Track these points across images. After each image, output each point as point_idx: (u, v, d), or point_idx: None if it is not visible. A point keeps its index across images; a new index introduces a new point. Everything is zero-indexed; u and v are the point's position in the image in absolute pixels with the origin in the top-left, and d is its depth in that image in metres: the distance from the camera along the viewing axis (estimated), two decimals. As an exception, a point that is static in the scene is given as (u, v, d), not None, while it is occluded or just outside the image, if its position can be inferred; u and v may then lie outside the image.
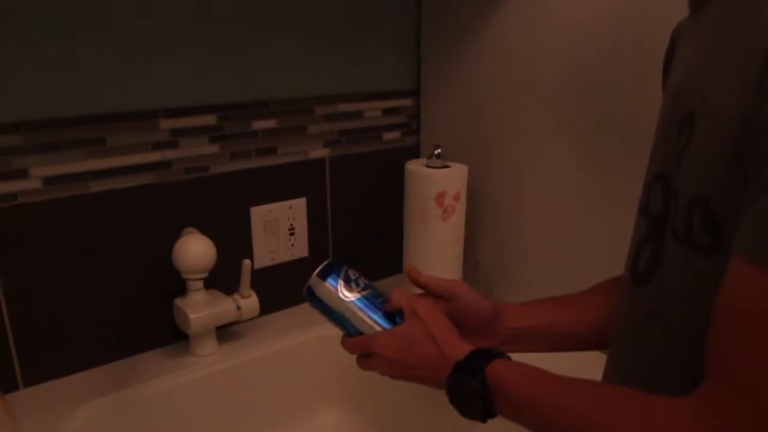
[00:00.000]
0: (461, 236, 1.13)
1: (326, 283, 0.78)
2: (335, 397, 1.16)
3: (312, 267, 0.79)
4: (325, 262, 0.80)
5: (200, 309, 0.99)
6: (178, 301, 1.01)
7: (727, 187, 0.48)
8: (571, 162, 1.04)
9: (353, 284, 0.78)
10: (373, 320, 0.76)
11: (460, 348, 0.69)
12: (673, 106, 0.57)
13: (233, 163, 1.08)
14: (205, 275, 1.00)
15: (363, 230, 1.28)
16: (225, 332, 1.09)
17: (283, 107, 1.12)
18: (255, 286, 1.05)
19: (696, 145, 0.52)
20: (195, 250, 0.97)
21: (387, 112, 1.27)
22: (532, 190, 1.11)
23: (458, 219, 1.11)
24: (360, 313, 0.76)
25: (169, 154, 1.01)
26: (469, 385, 0.65)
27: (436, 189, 1.07)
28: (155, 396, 0.97)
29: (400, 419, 1.08)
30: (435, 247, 1.10)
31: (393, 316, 0.76)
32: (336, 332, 1.16)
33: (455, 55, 1.20)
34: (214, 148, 1.06)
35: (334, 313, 0.78)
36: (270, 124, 1.11)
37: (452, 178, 1.08)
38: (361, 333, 0.77)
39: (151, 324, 1.04)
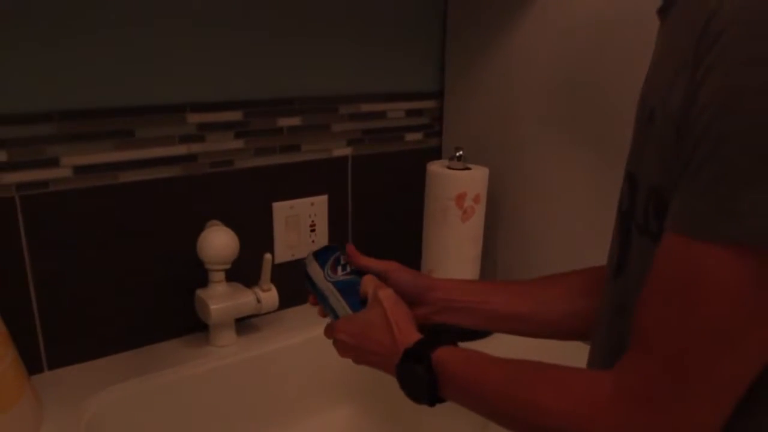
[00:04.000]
0: (480, 238, 1.14)
1: (317, 263, 0.85)
2: (350, 392, 1.17)
3: None
4: (323, 246, 0.88)
5: (221, 300, 1.01)
6: (200, 292, 1.03)
7: (673, 173, 0.49)
8: (591, 167, 1.05)
9: (340, 268, 0.83)
10: (346, 303, 0.80)
11: (411, 336, 0.72)
12: (640, 105, 0.58)
13: (257, 159, 1.10)
14: (227, 266, 1.02)
15: (383, 229, 1.30)
16: (244, 324, 1.11)
17: (307, 105, 1.14)
18: (275, 280, 1.07)
19: (651, 138, 0.54)
20: (220, 241, 0.99)
21: (410, 113, 1.28)
22: (551, 194, 1.12)
23: (478, 221, 1.12)
24: (337, 295, 0.81)
25: (196, 148, 1.04)
26: (416, 371, 0.68)
27: (456, 190, 1.08)
28: (174, 383, 0.99)
29: (414, 416, 1.09)
30: (454, 247, 1.11)
31: (365, 303, 0.79)
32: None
33: (479, 59, 1.21)
34: (239, 143, 1.08)
35: (317, 290, 0.84)
36: (294, 121, 1.13)
37: (473, 180, 1.09)
38: (336, 313, 0.81)
39: (172, 313, 1.07)
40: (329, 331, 0.80)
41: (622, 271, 0.61)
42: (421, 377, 0.68)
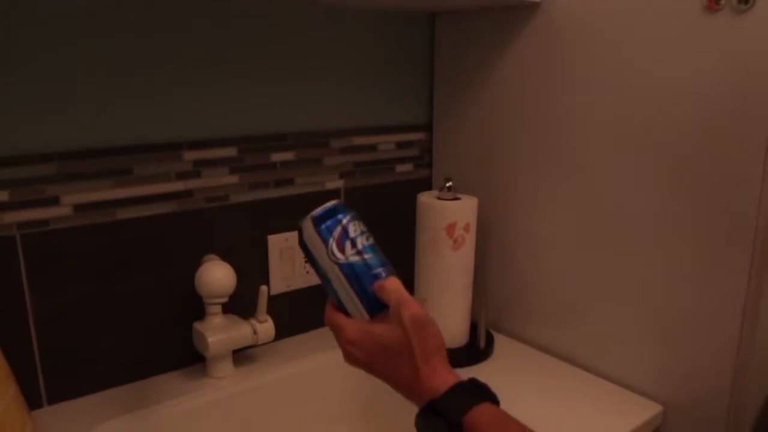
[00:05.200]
0: (471, 266, 1.16)
1: (318, 231, 0.64)
2: (347, 421, 1.18)
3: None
4: (329, 205, 0.66)
5: (218, 333, 1.03)
6: (197, 325, 1.05)
7: None
8: (580, 196, 1.08)
9: (349, 243, 0.64)
10: (356, 293, 0.64)
11: (440, 377, 0.62)
12: None
13: (252, 193, 1.13)
14: (225, 300, 1.04)
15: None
16: (241, 355, 1.13)
17: (300, 140, 1.17)
18: (271, 311, 1.09)
19: None
20: (217, 275, 1.02)
21: (400, 145, 1.32)
22: (540, 223, 1.15)
23: (468, 250, 1.14)
24: (343, 279, 0.64)
25: (192, 184, 1.06)
26: (439, 427, 0.59)
27: (446, 220, 1.11)
28: (173, 416, 1.00)
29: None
30: (445, 276, 1.14)
31: (380, 302, 0.65)
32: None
33: (467, 91, 1.25)
34: (234, 179, 1.11)
35: (318, 268, 0.66)
36: (288, 156, 1.16)
37: (463, 209, 1.12)
38: (340, 301, 0.65)
39: (170, 346, 1.08)
40: (335, 332, 0.67)
41: None
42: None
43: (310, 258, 0.66)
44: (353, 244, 0.63)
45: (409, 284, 1.20)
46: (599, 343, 1.08)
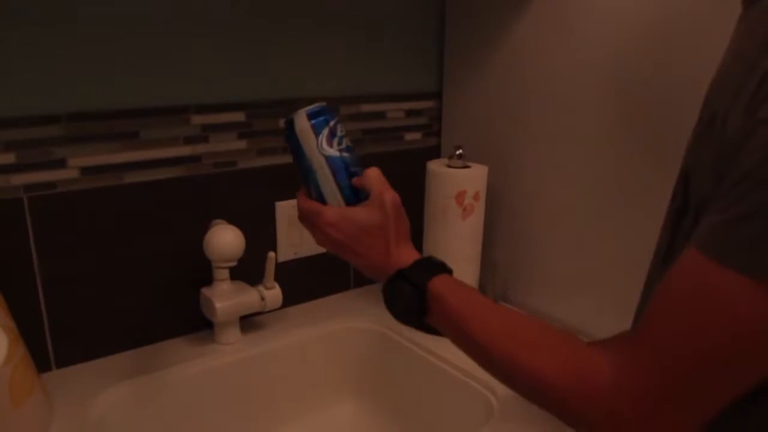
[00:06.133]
0: (480, 235, 1.16)
1: (311, 125, 0.70)
2: (354, 388, 1.19)
3: (333, 262, 0.76)
4: (320, 104, 0.72)
5: (226, 298, 1.03)
6: (205, 290, 1.04)
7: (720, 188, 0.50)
8: (590, 165, 1.07)
9: (336, 140, 0.71)
10: (338, 185, 0.71)
11: (407, 254, 0.70)
12: (704, 103, 0.58)
13: (260, 159, 1.12)
14: (233, 264, 1.03)
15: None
16: (248, 322, 1.13)
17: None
18: (278, 278, 1.09)
19: (707, 143, 0.54)
20: (226, 239, 1.01)
21: (409, 113, 1.30)
22: (550, 191, 1.14)
23: (477, 218, 1.13)
24: (327, 172, 0.71)
25: (200, 149, 1.05)
26: (406, 293, 0.67)
27: (456, 188, 1.10)
28: (180, 381, 1.00)
29: (418, 411, 1.11)
30: (454, 245, 1.13)
31: (358, 192, 0.72)
32: (356, 325, 1.20)
33: (478, 59, 1.23)
34: (242, 144, 1.10)
35: (304, 160, 0.72)
36: (296, 122, 1.15)
37: (472, 177, 1.11)
38: (321, 192, 0.72)
39: (177, 312, 1.08)
40: (312, 216, 0.73)
41: (672, 256, 0.60)
42: (409, 299, 0.67)
43: (297, 150, 0.72)
44: (339, 142, 0.71)
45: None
46: (608, 315, 1.08)
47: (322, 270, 1.24)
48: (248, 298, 1.05)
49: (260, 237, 1.14)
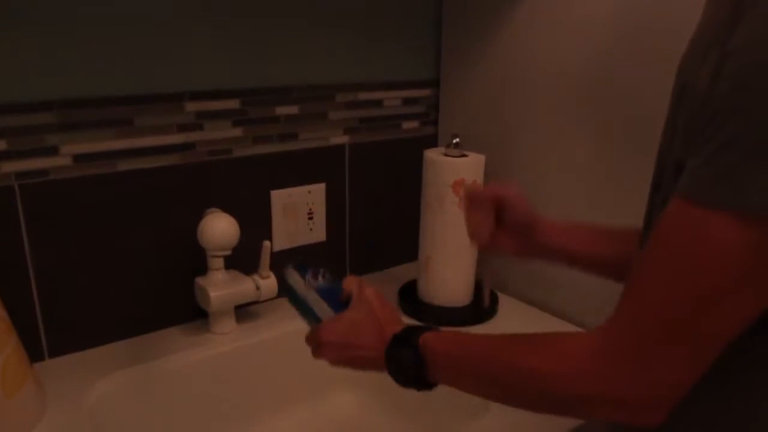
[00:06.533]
0: (477, 225, 1.15)
1: (297, 273, 0.85)
2: (350, 379, 1.17)
3: (329, 251, 0.84)
4: (301, 259, 0.89)
5: (221, 288, 1.02)
6: (199, 280, 1.03)
7: (695, 145, 0.51)
8: (588, 153, 1.06)
9: (321, 276, 0.85)
10: (329, 306, 0.80)
11: (398, 326, 0.74)
12: (675, 80, 0.59)
13: (255, 147, 1.11)
14: (228, 253, 1.02)
15: (380, 216, 1.30)
16: (243, 312, 1.12)
17: (305, 94, 1.14)
18: (273, 267, 1.08)
19: (681, 114, 0.55)
20: (221, 227, 1.00)
21: (406, 101, 1.29)
22: (547, 180, 1.13)
23: (474, 207, 1.12)
24: (319, 301, 0.81)
25: (194, 137, 1.04)
26: (403, 354, 0.70)
27: (453, 177, 1.09)
28: (175, 371, 1.00)
29: (415, 401, 1.10)
30: (451, 234, 1.12)
31: (345, 304, 0.80)
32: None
33: (475, 47, 1.22)
34: (237, 132, 1.08)
35: (299, 302, 0.84)
36: (292, 110, 1.13)
37: (470, 166, 1.10)
38: (318, 318, 0.81)
39: (171, 301, 1.07)
40: (314, 335, 0.79)
41: (646, 235, 0.62)
42: (408, 359, 0.70)
43: (291, 295, 0.85)
44: (323, 276, 0.85)
45: (414, 241, 1.19)
46: (606, 305, 1.07)
47: (318, 259, 1.23)
48: (243, 287, 1.04)
49: (255, 226, 1.13)
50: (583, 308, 1.11)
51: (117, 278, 1.01)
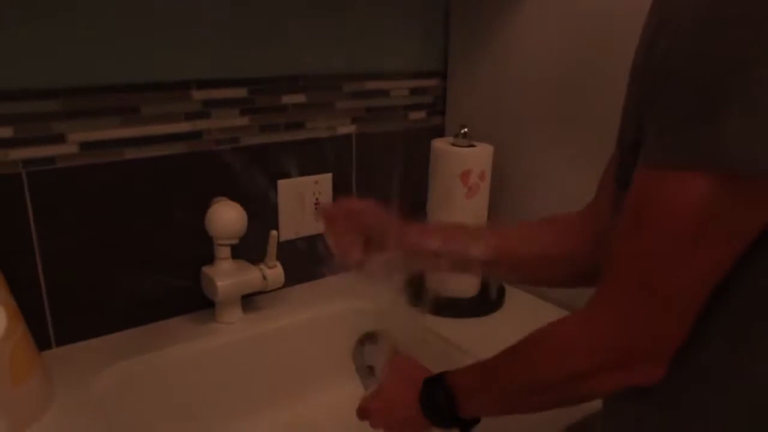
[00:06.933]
0: (485, 215, 1.14)
1: (360, 346, 0.96)
2: (355, 371, 1.18)
3: None
4: (363, 335, 0.97)
5: (227, 277, 1.02)
6: (206, 269, 1.03)
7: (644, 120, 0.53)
8: (597, 144, 1.05)
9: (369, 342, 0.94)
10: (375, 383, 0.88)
11: (429, 374, 0.76)
12: (631, 69, 0.61)
13: (262, 136, 1.10)
14: (235, 241, 1.02)
15: (387, 207, 1.30)
16: (250, 301, 1.12)
17: (312, 83, 1.14)
18: (280, 257, 1.07)
19: (631, 96, 0.59)
20: (229, 215, 1.00)
21: (414, 91, 1.28)
22: (555, 172, 1.12)
23: (482, 198, 1.12)
24: (367, 374, 0.92)
25: (201, 125, 1.04)
26: (435, 394, 0.72)
27: (461, 167, 1.08)
28: (182, 360, 0.99)
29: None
30: (458, 225, 1.12)
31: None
32: (358, 306, 1.19)
33: (483, 37, 1.21)
34: (244, 121, 1.08)
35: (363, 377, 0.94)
36: (299, 98, 1.13)
37: (478, 157, 1.09)
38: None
39: (178, 290, 1.07)
40: (363, 408, 0.84)
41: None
42: (438, 396, 0.72)
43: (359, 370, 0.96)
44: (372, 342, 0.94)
45: (422, 232, 1.18)
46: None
47: (325, 249, 1.22)
48: (250, 276, 1.04)
49: (262, 215, 1.12)
50: (588, 299, 1.10)
51: (124, 267, 1.01)
